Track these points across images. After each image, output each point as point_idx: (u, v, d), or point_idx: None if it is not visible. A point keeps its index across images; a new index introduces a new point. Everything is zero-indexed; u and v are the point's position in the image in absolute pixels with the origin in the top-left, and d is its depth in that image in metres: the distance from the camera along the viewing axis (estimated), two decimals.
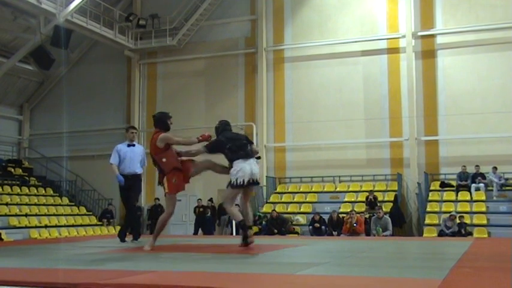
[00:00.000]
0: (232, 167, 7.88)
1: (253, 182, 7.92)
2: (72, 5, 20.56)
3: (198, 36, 24.68)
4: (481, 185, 19.68)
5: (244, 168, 7.79)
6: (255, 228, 20.32)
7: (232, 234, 19.90)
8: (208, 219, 21.32)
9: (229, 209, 8.04)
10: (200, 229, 21.14)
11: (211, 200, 22.15)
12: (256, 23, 23.86)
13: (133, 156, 10.28)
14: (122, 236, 10.11)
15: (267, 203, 21.84)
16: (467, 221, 18.18)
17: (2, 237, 17.67)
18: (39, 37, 21.21)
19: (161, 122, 8.33)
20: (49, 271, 5.64)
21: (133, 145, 10.34)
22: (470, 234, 17.55)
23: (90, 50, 26.59)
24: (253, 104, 23.44)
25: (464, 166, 20.15)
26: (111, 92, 25.99)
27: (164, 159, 7.99)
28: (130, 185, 10.08)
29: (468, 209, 19.28)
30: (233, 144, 7.98)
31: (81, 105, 25.62)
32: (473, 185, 19.77)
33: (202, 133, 8.27)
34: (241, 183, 7.76)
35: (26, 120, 27.09)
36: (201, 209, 21.40)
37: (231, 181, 7.86)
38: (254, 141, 22.70)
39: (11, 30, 23.35)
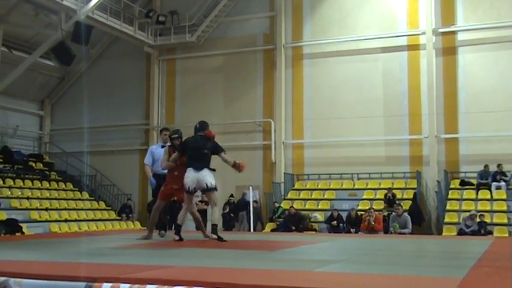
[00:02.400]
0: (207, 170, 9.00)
1: (204, 189, 9.10)
2: (93, 2, 20.67)
3: (217, 33, 24.69)
4: (502, 183, 19.46)
5: (191, 177, 8.90)
6: (273, 225, 20.45)
7: (250, 230, 19.95)
8: (227, 215, 21.35)
9: (182, 211, 9.55)
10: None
11: (232, 195, 22.09)
12: (275, 19, 23.80)
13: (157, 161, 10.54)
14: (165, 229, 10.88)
15: (284, 199, 21.82)
16: (488, 220, 18.00)
17: (23, 230, 17.87)
18: (60, 33, 21.34)
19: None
20: (68, 265, 5.68)
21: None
22: (491, 233, 17.39)
23: (110, 46, 26.71)
24: (272, 101, 23.39)
25: (487, 166, 19.91)
26: (130, 88, 26.10)
27: (176, 173, 9.34)
28: (162, 184, 10.17)
29: (488, 208, 19.08)
30: (192, 153, 9.02)
31: (101, 101, 25.75)
32: (494, 183, 19.56)
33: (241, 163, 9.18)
34: (188, 189, 8.98)
35: (47, 115, 27.32)
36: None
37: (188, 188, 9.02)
38: (272, 138, 22.82)
39: (32, 26, 23.55)
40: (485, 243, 8.71)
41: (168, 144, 9.97)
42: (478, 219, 17.59)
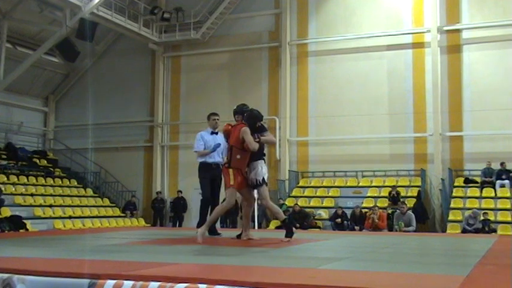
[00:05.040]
0: (252, 165, 8.15)
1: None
2: None
3: (222, 30, 24.68)
4: (506, 181, 19.44)
5: (265, 169, 8.23)
6: (278, 222, 20.43)
7: (254, 228, 19.93)
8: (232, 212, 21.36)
9: (275, 206, 8.51)
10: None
11: None
12: (280, 16, 23.78)
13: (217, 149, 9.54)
14: (212, 230, 9.35)
15: (289, 197, 21.82)
16: (492, 218, 17.99)
17: (27, 227, 17.92)
18: (64, 30, 21.36)
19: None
20: (72, 261, 5.69)
21: (216, 133, 9.60)
22: (494, 231, 17.37)
23: (114, 42, 26.73)
24: (277, 98, 23.39)
25: (489, 162, 19.94)
26: (135, 84, 26.12)
27: (238, 156, 8.03)
28: (216, 175, 9.19)
29: (492, 206, 19.08)
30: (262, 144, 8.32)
31: (105, 98, 25.78)
32: (498, 181, 19.55)
33: None
34: (262, 181, 8.13)
35: (51, 111, 27.35)
36: None
37: (263, 179, 8.13)
38: (277, 135, 22.83)
39: (37, 23, 23.61)
40: (489, 241, 8.69)
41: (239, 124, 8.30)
42: (481, 217, 17.57)
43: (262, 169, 8.15)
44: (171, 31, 24.94)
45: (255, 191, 8.44)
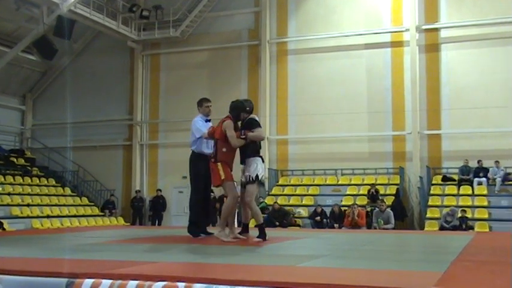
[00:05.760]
0: (248, 162, 8.06)
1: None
2: None
3: (202, 28, 24.61)
4: (483, 179, 19.67)
5: (261, 166, 8.11)
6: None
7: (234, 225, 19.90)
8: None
9: (256, 208, 8.25)
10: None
11: (212, 191, 22.06)
12: (260, 15, 23.78)
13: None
14: (196, 231, 8.68)
15: (269, 195, 21.83)
16: (469, 215, 18.18)
17: (4, 227, 17.72)
18: (42, 27, 21.16)
19: (234, 111, 8.10)
20: (50, 261, 5.65)
21: (209, 120, 8.89)
22: (472, 228, 17.55)
23: (93, 40, 26.52)
24: (256, 96, 23.34)
25: (466, 160, 20.16)
26: (114, 83, 25.94)
27: (224, 149, 7.92)
28: (208, 168, 8.25)
29: (470, 203, 19.28)
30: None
31: (83, 96, 25.57)
32: (476, 179, 19.75)
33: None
34: (257, 178, 8.03)
35: (28, 110, 27.07)
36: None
37: (257, 176, 8.00)
38: None
39: (14, 20, 23.31)
40: (466, 238, 8.78)
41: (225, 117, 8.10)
42: (459, 215, 17.74)
43: (257, 167, 8.04)
44: (150, 29, 24.81)
45: (239, 188, 8.29)
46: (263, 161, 8.28)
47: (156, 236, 9.06)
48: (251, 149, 8.06)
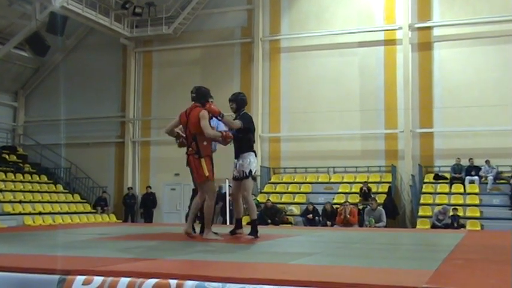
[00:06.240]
0: (242, 157, 8.10)
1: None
2: None
3: (194, 25, 24.57)
4: (476, 177, 19.73)
5: (255, 162, 8.17)
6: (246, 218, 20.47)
7: (225, 223, 19.92)
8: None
9: (252, 203, 8.28)
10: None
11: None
12: (252, 12, 23.76)
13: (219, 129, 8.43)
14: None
15: (261, 193, 21.83)
16: (461, 214, 18.24)
17: None
18: (34, 23, 21.07)
19: (201, 98, 7.94)
20: (42, 257, 5.63)
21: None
22: (463, 226, 17.62)
23: (85, 37, 26.43)
24: (249, 94, 23.29)
25: (458, 158, 20.22)
26: (106, 79, 25.87)
27: (205, 143, 7.72)
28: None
29: (462, 202, 19.34)
30: (254, 134, 8.29)
31: (76, 93, 25.49)
32: (468, 177, 19.82)
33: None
34: (251, 172, 8.07)
35: (20, 106, 26.97)
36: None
37: (250, 171, 8.04)
38: None
39: (6, 16, 23.19)
40: (457, 236, 8.82)
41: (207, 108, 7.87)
42: (451, 213, 17.81)
43: (251, 161, 8.06)
44: (142, 26, 24.75)
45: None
46: (256, 156, 8.28)
47: (148, 233, 9.05)
48: (246, 144, 8.10)
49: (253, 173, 8.10)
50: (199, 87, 8.13)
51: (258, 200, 20.53)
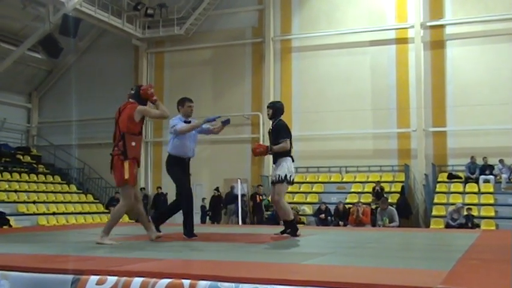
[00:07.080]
0: (278, 161, 8.32)
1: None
2: None
3: (206, 26, 24.62)
4: (491, 177, 19.56)
5: (291, 166, 8.34)
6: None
7: (238, 223, 19.95)
8: (204, 207, 21.85)
9: (285, 205, 8.42)
10: (208, 218, 21.51)
11: (217, 189, 22.13)
12: (263, 12, 23.77)
13: (194, 137, 8.50)
14: (190, 231, 8.43)
15: None
16: (475, 213, 18.12)
17: (11, 223, 17.79)
18: (48, 26, 21.21)
19: (143, 100, 7.60)
20: (56, 257, 5.66)
21: (189, 122, 8.45)
22: (478, 226, 17.50)
23: (98, 38, 26.58)
24: (260, 94, 23.38)
25: (473, 157, 20.08)
26: (118, 80, 25.93)
27: (133, 143, 7.27)
28: (188, 168, 8.33)
29: (476, 201, 19.22)
30: (291, 140, 8.54)
31: (89, 94, 25.63)
32: (482, 176, 19.67)
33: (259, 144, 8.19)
34: (290, 179, 8.27)
35: (34, 108, 27.17)
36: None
37: (286, 176, 8.19)
38: (261, 131, 22.83)
39: (20, 19, 23.37)
40: (472, 236, 8.76)
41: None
42: (465, 213, 17.68)
43: (284, 166, 8.20)
44: (154, 27, 24.85)
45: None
46: (293, 161, 8.43)
47: (160, 233, 9.03)
48: (285, 150, 8.32)
49: (288, 177, 8.20)
50: (138, 86, 7.83)
51: (268, 201, 20.54)
